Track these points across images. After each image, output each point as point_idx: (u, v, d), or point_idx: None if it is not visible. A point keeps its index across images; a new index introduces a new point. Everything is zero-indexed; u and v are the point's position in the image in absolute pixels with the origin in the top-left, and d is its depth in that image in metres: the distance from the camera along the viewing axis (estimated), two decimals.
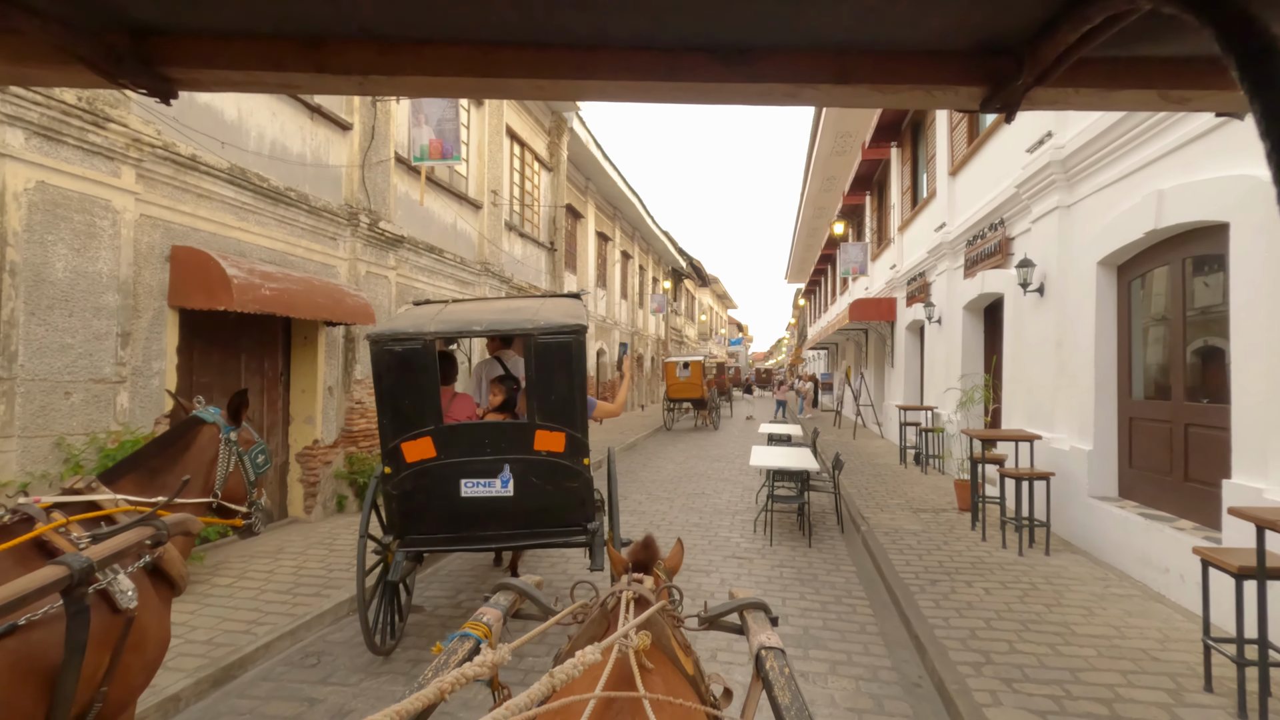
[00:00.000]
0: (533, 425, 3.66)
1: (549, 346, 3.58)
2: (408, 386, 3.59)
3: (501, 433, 3.72)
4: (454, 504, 3.69)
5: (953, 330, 10.76)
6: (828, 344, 29.30)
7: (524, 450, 3.65)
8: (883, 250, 17.11)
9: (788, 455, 7.62)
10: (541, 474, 3.68)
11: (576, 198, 18.55)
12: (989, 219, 9.13)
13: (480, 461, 3.65)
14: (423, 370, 3.57)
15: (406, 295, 8.93)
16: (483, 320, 3.78)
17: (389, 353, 3.54)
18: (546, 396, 3.65)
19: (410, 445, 3.60)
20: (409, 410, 3.61)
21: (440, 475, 3.65)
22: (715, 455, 13.73)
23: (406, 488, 3.66)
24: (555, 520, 3.85)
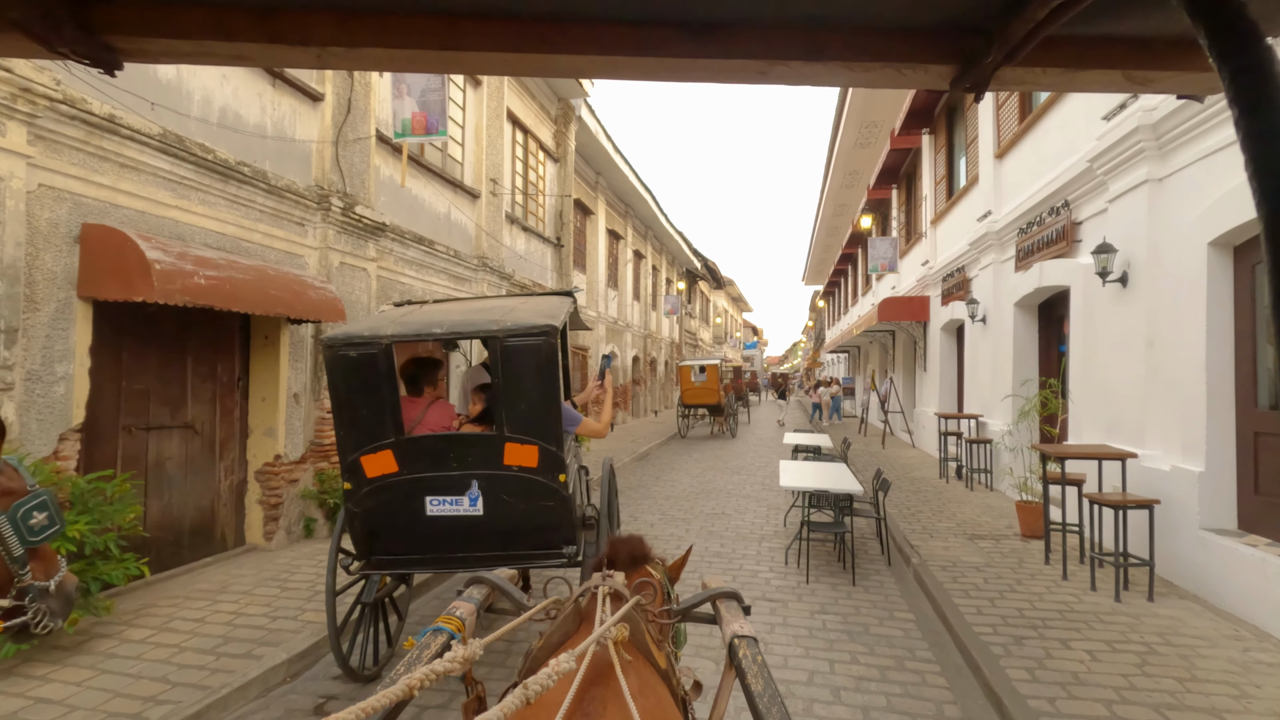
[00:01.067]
0: (502, 438, 3.28)
1: (517, 350, 3.21)
2: (365, 395, 3.28)
3: (468, 446, 3.33)
4: (419, 523, 3.37)
5: (1001, 330, 9.64)
6: (849, 347, 28.11)
7: (493, 465, 3.31)
8: (912, 246, 15.98)
9: (823, 473, 6.56)
10: (513, 491, 3.34)
11: (586, 193, 17.60)
12: (1048, 202, 8.03)
13: (446, 477, 3.32)
14: (380, 377, 3.24)
15: (390, 291, 7.99)
16: (445, 322, 3.43)
17: (344, 358, 3.23)
18: (517, 406, 3.27)
19: (370, 459, 3.29)
20: (367, 421, 3.29)
21: (403, 492, 3.33)
22: (735, 467, 12.67)
23: (368, 505, 3.36)
24: (531, 542, 3.49)
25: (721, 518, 8.17)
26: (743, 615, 1.70)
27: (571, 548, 3.51)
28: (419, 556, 3.57)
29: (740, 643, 1.52)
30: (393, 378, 3.30)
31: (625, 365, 21.77)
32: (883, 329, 17.86)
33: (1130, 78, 1.11)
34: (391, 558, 3.54)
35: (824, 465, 7.26)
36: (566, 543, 3.51)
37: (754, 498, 9.44)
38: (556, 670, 1.03)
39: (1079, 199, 7.32)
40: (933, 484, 10.15)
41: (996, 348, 9.80)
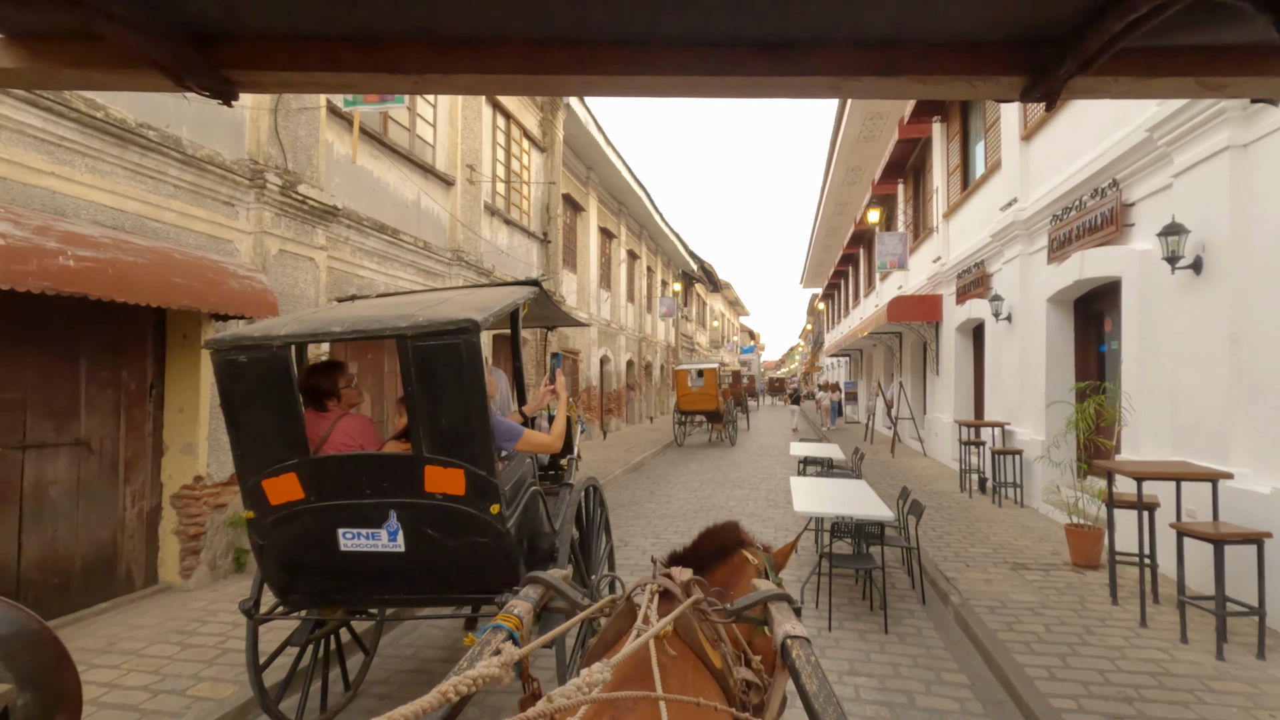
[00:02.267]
0: (421, 460, 2.71)
1: (431, 352, 2.63)
2: (262, 407, 2.75)
3: (383, 469, 2.75)
4: (333, 559, 2.84)
5: (1031, 329, 8.71)
6: (850, 350, 27.20)
7: (413, 492, 2.73)
8: (921, 243, 15.07)
9: (843, 495, 5.60)
10: (439, 524, 2.77)
11: (576, 188, 16.67)
12: (1091, 183, 7.11)
13: (359, 506, 2.76)
14: (277, 386, 2.71)
15: (345, 285, 7.02)
16: (347, 319, 2.81)
17: (233, 363, 2.70)
18: (437, 420, 2.69)
19: (272, 483, 2.76)
20: (266, 438, 2.77)
21: (312, 522, 2.79)
22: (736, 479, 11.69)
23: (275, 536, 2.84)
24: (467, 584, 2.97)
25: None
26: (794, 616, 1.67)
27: (506, 596, 2.77)
28: (338, 596, 3.06)
29: (793, 643, 1.50)
30: (292, 387, 2.72)
31: (619, 370, 20.81)
32: (889, 331, 16.95)
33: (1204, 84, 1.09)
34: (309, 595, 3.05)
35: (841, 484, 6.30)
36: (506, 584, 2.85)
37: (759, 517, 8.47)
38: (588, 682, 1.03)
39: (1131, 177, 6.40)
40: (954, 499, 9.19)
41: (1025, 349, 8.87)
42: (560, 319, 5.42)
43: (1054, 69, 1.07)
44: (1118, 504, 4.95)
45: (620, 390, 20.89)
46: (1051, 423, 8.07)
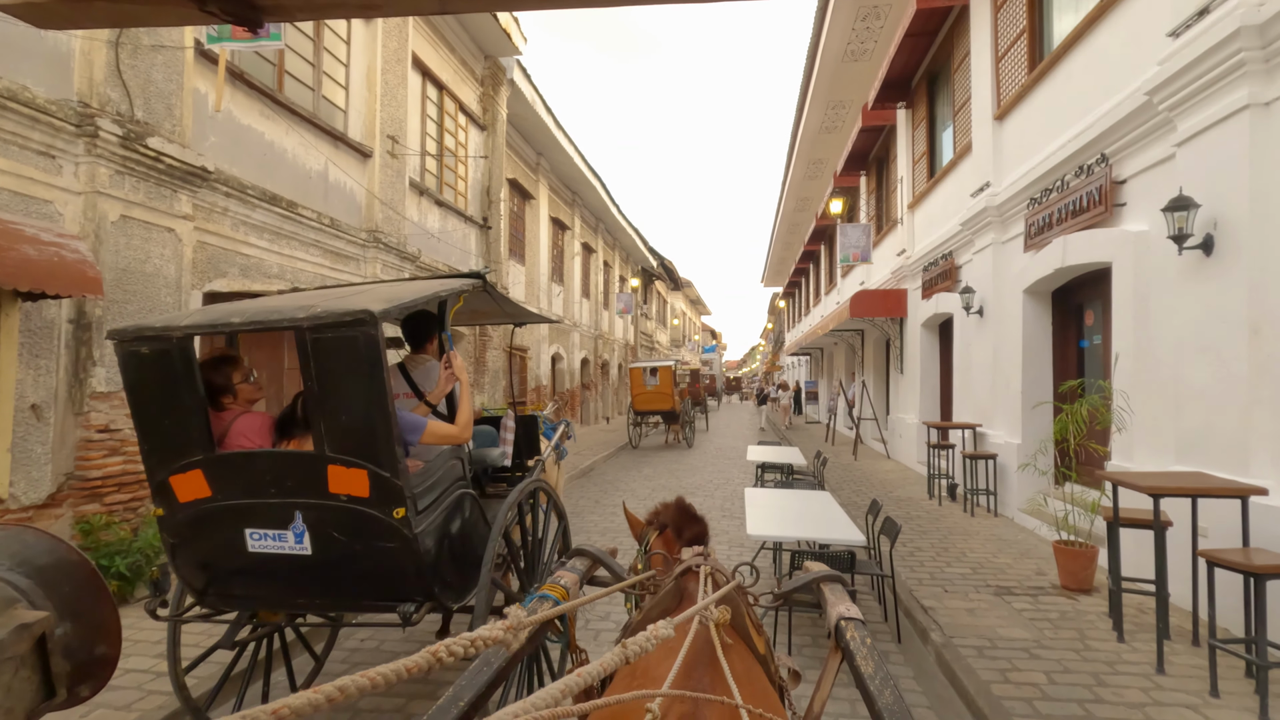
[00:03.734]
0: (323, 458, 2.52)
1: (328, 345, 2.44)
2: (165, 401, 2.60)
3: (287, 468, 2.59)
4: (242, 559, 2.68)
5: (1005, 323, 8.05)
6: (812, 349, 26.70)
7: (317, 493, 2.55)
8: (885, 235, 14.46)
9: (806, 514, 4.77)
10: (344, 527, 2.57)
11: (525, 174, 15.64)
12: (1075, 160, 6.44)
13: (264, 505, 2.61)
14: (180, 379, 2.55)
15: (223, 264, 5.92)
16: (248, 310, 2.62)
17: (135, 354, 2.55)
18: (337, 418, 2.51)
19: (179, 480, 2.63)
20: (171, 432, 2.62)
21: (220, 521, 2.66)
22: (691, 486, 10.84)
23: (184, 535, 2.72)
24: (378, 590, 2.72)
25: None
26: (848, 598, 1.64)
27: (409, 607, 2.64)
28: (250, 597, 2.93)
29: (848, 624, 1.50)
30: (194, 380, 2.60)
31: (573, 368, 19.83)
32: (851, 328, 16.35)
33: None
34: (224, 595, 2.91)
35: (802, 497, 5.48)
36: (415, 593, 2.69)
37: (712, 530, 7.59)
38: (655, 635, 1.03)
39: (1123, 150, 5.72)
40: (923, 507, 8.49)
41: (999, 345, 8.21)
42: (522, 315, 5.10)
43: None
44: (1127, 523, 4.21)
45: (574, 390, 19.91)
46: (1030, 425, 7.41)
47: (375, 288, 3.40)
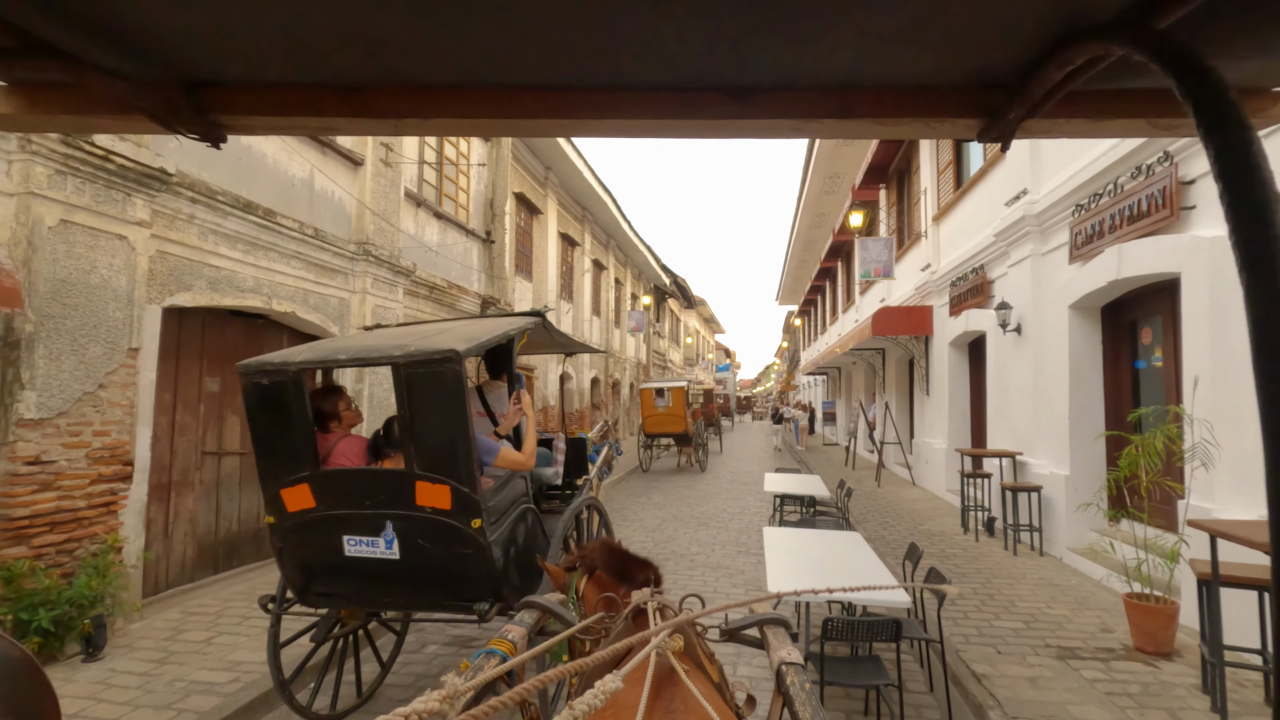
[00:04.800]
0: (412, 475, 2.97)
1: (420, 379, 2.90)
2: (280, 425, 3.08)
3: (381, 483, 3.06)
4: (339, 562, 3.14)
5: (1047, 341, 7.36)
6: (829, 368, 25.94)
7: (406, 505, 3.00)
8: (908, 250, 13.81)
9: (836, 563, 4.10)
10: (429, 535, 3.01)
11: (533, 189, 15.18)
12: (1131, 160, 5.79)
13: (361, 516, 3.07)
14: (293, 406, 3.05)
15: (189, 276, 5.39)
16: (351, 348, 3.18)
17: (258, 386, 3.05)
18: (425, 441, 2.95)
19: (290, 492, 3.10)
20: (284, 452, 3.10)
21: (322, 528, 3.12)
22: (704, 516, 10.12)
23: (291, 540, 3.20)
24: (455, 591, 3.15)
25: None
26: (791, 642, 1.71)
27: (484, 605, 3.05)
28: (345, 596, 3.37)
29: (788, 669, 1.55)
30: (304, 408, 3.07)
31: (582, 388, 19.23)
32: (871, 346, 15.65)
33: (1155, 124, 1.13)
34: (324, 594, 3.35)
35: (829, 540, 4.79)
36: (488, 595, 3.07)
37: (727, 570, 6.90)
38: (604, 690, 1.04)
39: (1188, 148, 5.07)
40: (959, 543, 7.74)
41: (1041, 365, 7.50)
42: (572, 346, 5.78)
43: (1005, 112, 1.10)
44: (1229, 582, 3.49)
45: (584, 410, 19.29)
46: (1081, 455, 6.68)
47: (454, 326, 3.84)
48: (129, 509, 4.80)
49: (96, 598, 4.22)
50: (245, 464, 6.46)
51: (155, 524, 5.48)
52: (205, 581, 5.90)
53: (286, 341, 7.05)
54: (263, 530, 6.67)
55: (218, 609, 5.24)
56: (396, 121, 1.19)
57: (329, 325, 7.20)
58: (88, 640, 4.14)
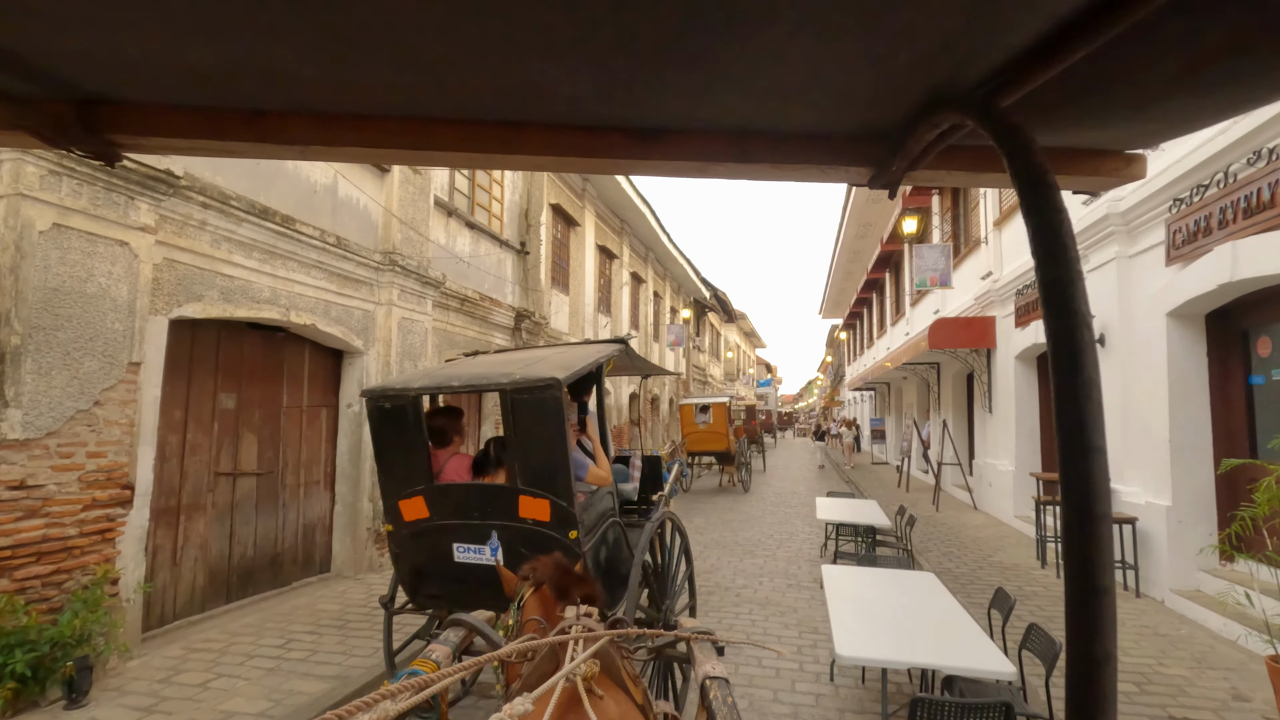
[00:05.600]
0: (515, 490, 3.27)
1: (525, 404, 3.18)
2: (399, 443, 3.47)
3: (488, 496, 3.38)
4: (448, 568, 3.45)
5: (1138, 354, 6.55)
6: (877, 384, 24.91)
7: (510, 517, 3.30)
8: (965, 258, 12.97)
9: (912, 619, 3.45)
10: (529, 544, 3.20)
11: (570, 200, 14.83)
12: (1246, 144, 5.04)
13: (469, 525, 3.39)
14: (411, 427, 3.43)
15: (199, 284, 5.07)
16: (464, 375, 3.52)
17: (380, 409, 3.44)
18: (528, 458, 3.25)
19: (406, 503, 3.46)
20: (402, 467, 3.48)
21: (434, 536, 3.46)
22: (749, 542, 9.44)
23: (407, 547, 3.54)
24: None
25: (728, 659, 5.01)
26: (715, 656, 1.73)
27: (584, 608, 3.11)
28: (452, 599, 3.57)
29: (712, 684, 1.58)
30: (421, 428, 3.43)
31: (619, 404, 18.72)
32: (924, 361, 14.78)
33: None
34: (432, 597, 3.64)
35: (899, 582, 4.14)
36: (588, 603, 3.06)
37: (778, 607, 6.24)
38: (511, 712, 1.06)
39: None
40: (1036, 579, 6.92)
41: (1130, 381, 6.69)
42: (651, 370, 6.12)
43: (889, 164, 1.14)
44: None
45: (622, 427, 18.76)
46: (1186, 483, 5.86)
47: (549, 354, 4.10)
48: (127, 536, 4.43)
49: (82, 637, 3.83)
50: (262, 485, 6.11)
51: (163, 550, 5.13)
52: (216, 612, 5.52)
53: (308, 356, 6.72)
54: (279, 556, 6.31)
55: (223, 645, 4.84)
56: (303, 148, 1.16)
57: (352, 339, 6.84)
58: (70, 685, 3.75)
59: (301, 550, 6.60)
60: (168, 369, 4.97)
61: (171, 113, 1.12)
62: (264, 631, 5.14)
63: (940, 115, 0.94)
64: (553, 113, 1.12)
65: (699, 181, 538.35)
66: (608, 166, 1.22)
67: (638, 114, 1.11)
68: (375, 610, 5.74)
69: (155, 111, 1.12)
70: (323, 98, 1.08)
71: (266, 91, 1.06)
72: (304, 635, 5.07)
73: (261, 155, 1.24)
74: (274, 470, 6.27)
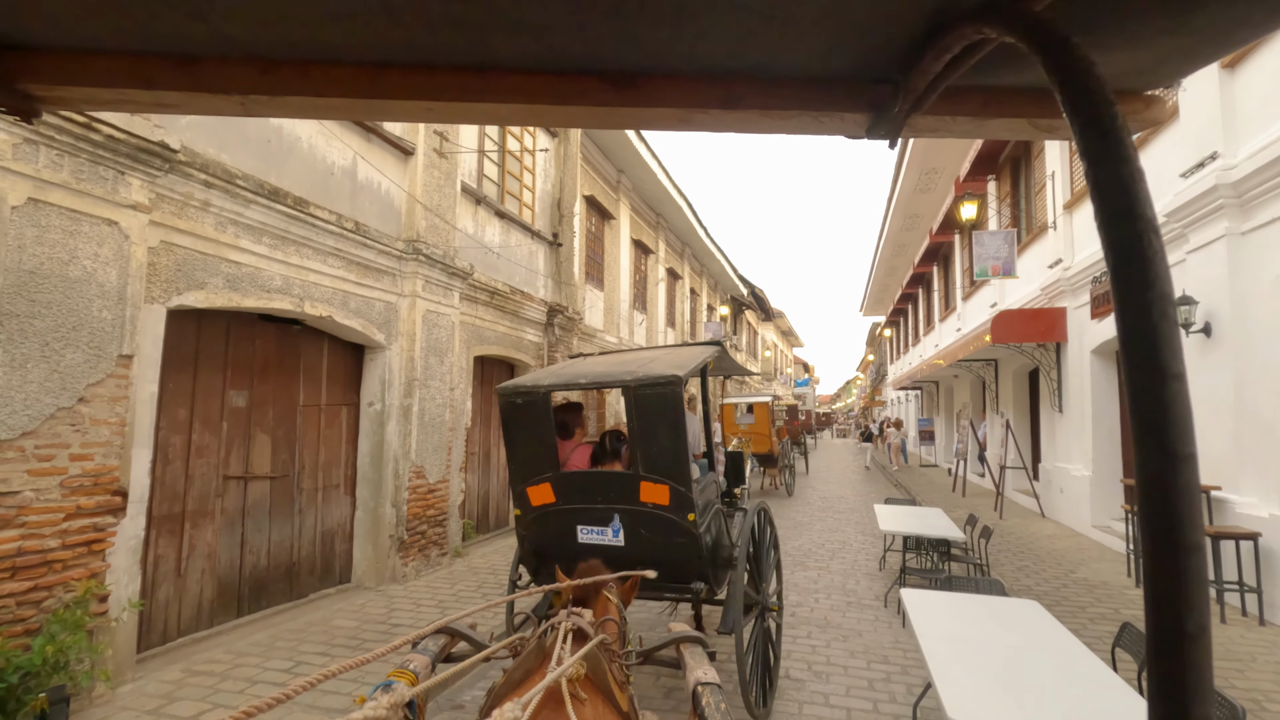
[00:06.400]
0: (637, 476, 3.53)
1: (646, 398, 3.43)
2: (529, 435, 3.71)
3: (611, 483, 3.64)
4: (572, 548, 3.68)
5: (1258, 344, 5.70)
6: (924, 382, 23.83)
7: (631, 501, 3.57)
8: (1029, 244, 12.04)
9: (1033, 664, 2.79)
10: (649, 526, 3.58)
11: (605, 193, 14.30)
12: None
13: (593, 509, 3.65)
14: (540, 420, 3.67)
15: (201, 269, 4.65)
16: (590, 373, 3.79)
17: (512, 404, 3.70)
18: (649, 449, 3.49)
19: (534, 489, 3.72)
20: (531, 457, 3.72)
21: (560, 519, 3.72)
22: (798, 552, 8.74)
23: (533, 529, 3.79)
24: (666, 574, 3.55)
25: (784, 693, 4.36)
26: (707, 661, 1.70)
27: (699, 585, 3.59)
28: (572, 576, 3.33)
29: (704, 690, 1.55)
30: (550, 421, 3.68)
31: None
32: (983, 357, 13.84)
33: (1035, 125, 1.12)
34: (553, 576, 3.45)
35: (1004, 615, 3.46)
36: (697, 578, 3.61)
37: (839, 630, 5.56)
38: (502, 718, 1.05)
39: None
40: (1133, 599, 6.11)
41: (1247, 375, 5.84)
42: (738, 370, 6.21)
43: (890, 107, 1.06)
44: None
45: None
46: None
47: (658, 354, 4.35)
48: (118, 548, 4.00)
49: (57, 664, 3.39)
50: (276, 490, 5.68)
51: (165, 561, 4.71)
52: (225, 627, 5.09)
53: (327, 351, 6.28)
54: (295, 566, 5.87)
55: (226, 666, 4.39)
56: (243, 99, 1.05)
57: (373, 332, 6.38)
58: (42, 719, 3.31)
59: (320, 560, 6.16)
60: (168, 363, 4.55)
61: (93, 59, 1.02)
62: (272, 651, 4.69)
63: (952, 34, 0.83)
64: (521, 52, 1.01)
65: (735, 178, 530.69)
66: (582, 116, 1.12)
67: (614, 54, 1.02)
68: (395, 628, 5.26)
69: (74, 59, 1.02)
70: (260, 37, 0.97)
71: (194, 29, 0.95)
72: (314, 657, 4.60)
73: (198, 109, 1.11)
74: (289, 473, 5.83)
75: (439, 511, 7.16)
